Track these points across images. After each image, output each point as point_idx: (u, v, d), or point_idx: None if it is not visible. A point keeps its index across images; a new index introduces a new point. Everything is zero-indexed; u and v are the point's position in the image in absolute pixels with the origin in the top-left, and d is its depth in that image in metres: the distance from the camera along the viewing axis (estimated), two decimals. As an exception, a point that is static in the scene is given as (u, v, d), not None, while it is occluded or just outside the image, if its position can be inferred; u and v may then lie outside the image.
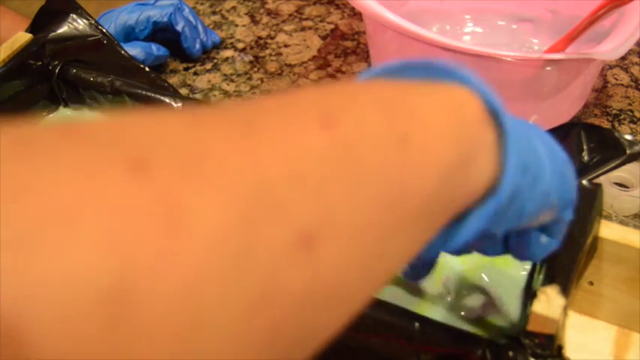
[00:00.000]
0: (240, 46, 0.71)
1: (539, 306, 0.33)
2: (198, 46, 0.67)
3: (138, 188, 0.14)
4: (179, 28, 0.66)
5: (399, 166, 0.21)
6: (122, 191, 0.14)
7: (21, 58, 0.55)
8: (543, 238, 0.32)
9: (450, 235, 0.25)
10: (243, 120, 0.18)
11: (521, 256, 0.33)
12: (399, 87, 0.24)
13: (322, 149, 0.19)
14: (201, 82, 0.66)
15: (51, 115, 0.58)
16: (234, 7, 0.77)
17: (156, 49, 0.65)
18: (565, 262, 0.36)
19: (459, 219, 0.25)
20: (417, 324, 0.35)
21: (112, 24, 0.64)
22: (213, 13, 0.76)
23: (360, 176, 0.19)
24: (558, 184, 0.28)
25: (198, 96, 0.64)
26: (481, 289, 0.41)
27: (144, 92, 0.54)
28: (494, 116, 0.25)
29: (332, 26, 0.73)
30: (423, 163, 0.22)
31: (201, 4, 0.77)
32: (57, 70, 0.57)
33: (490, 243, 0.32)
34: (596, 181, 0.40)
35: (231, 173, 0.16)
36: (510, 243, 0.32)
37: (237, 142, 0.17)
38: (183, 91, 0.65)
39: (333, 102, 0.21)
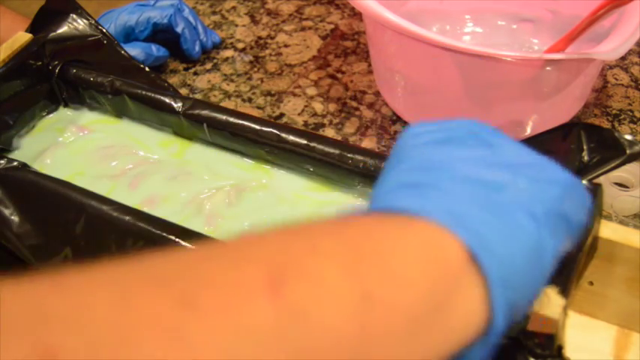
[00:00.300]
0: (240, 46, 0.71)
1: (539, 306, 0.32)
2: (197, 48, 0.68)
3: None
4: (179, 30, 0.66)
5: (360, 328, 0.19)
6: None
7: (21, 58, 0.55)
8: None
9: None
10: (180, 288, 0.17)
11: None
12: (368, 228, 0.22)
13: (265, 324, 0.17)
14: (201, 82, 0.66)
15: (51, 115, 0.59)
16: (234, 7, 0.77)
17: (156, 49, 0.65)
18: (565, 262, 0.36)
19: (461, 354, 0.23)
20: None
21: (112, 24, 0.64)
22: (213, 13, 0.76)
23: (309, 349, 0.18)
24: (565, 225, 0.26)
25: (198, 96, 0.64)
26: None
27: (144, 92, 0.54)
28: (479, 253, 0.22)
29: (332, 26, 0.73)
30: (388, 321, 0.20)
31: (201, 4, 0.77)
32: (57, 70, 0.57)
33: None
34: (596, 181, 0.40)
35: None
36: None
37: (166, 323, 0.16)
38: (184, 91, 0.65)
39: (288, 253, 0.19)
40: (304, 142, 0.49)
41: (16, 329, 0.15)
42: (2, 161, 0.48)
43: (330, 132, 0.60)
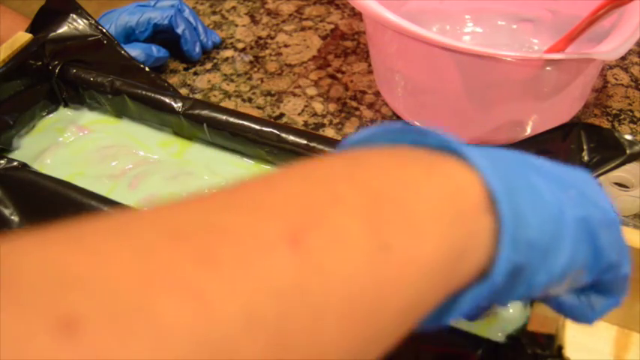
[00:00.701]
0: (240, 46, 0.71)
1: (539, 306, 0.32)
2: (198, 49, 0.68)
3: (64, 355, 0.13)
4: (179, 31, 0.66)
5: (376, 279, 0.19)
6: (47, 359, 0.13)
7: (21, 58, 0.55)
8: (596, 300, 0.28)
9: (441, 312, 0.23)
10: (198, 242, 0.17)
11: (573, 320, 0.29)
12: (390, 174, 0.22)
13: (286, 279, 0.17)
14: (201, 82, 0.66)
15: (51, 115, 0.59)
16: (234, 7, 0.77)
17: (156, 50, 0.65)
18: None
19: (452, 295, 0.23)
20: (416, 324, 0.34)
21: (113, 25, 0.64)
22: (213, 13, 0.76)
23: (327, 300, 0.18)
24: (590, 249, 0.25)
25: (198, 96, 0.64)
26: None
27: (144, 92, 0.54)
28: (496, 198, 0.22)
29: (332, 26, 0.73)
30: (405, 271, 0.20)
31: (201, 4, 0.78)
32: (57, 70, 0.57)
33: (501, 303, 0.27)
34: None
35: (173, 325, 0.15)
36: (551, 304, 0.28)
37: (188, 283, 0.16)
38: (184, 91, 0.65)
39: (309, 203, 0.19)
40: (304, 142, 0.49)
41: (33, 295, 0.14)
42: (2, 161, 0.48)
43: (330, 132, 0.60)
